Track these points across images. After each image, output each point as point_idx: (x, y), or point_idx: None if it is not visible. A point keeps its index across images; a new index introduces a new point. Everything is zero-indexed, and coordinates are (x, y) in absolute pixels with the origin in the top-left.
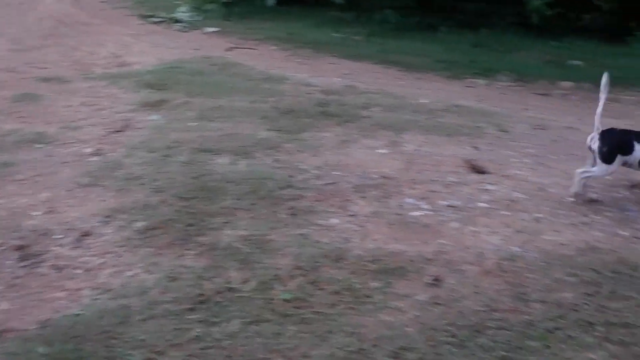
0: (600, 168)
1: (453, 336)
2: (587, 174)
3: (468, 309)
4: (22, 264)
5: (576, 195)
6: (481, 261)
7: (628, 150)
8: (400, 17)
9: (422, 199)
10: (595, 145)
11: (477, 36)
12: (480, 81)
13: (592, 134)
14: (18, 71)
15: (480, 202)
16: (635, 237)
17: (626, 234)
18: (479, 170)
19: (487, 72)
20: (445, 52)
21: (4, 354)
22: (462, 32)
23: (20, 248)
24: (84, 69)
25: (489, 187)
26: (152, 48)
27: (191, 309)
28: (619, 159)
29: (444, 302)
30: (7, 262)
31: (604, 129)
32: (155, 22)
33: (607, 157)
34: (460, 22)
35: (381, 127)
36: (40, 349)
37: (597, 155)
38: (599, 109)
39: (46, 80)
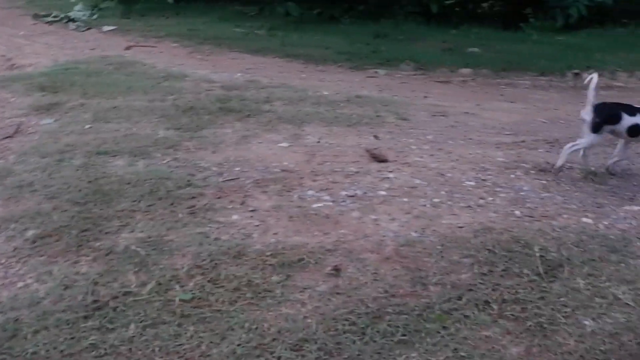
0: (587, 138)
1: (353, 324)
2: (574, 147)
3: (367, 296)
4: None
5: (560, 169)
6: (381, 248)
7: (616, 120)
8: (302, 9)
9: (323, 190)
10: (588, 116)
11: (379, 27)
12: (382, 71)
13: (586, 107)
14: None
15: (381, 190)
16: (528, 216)
17: (519, 213)
18: (380, 159)
19: (389, 62)
20: (347, 44)
21: None
22: (364, 23)
23: None
24: None
25: (389, 175)
26: (45, 49)
27: (86, 317)
28: (606, 128)
29: (343, 292)
30: None
31: (597, 102)
32: (49, 22)
33: (596, 127)
34: (362, 13)
35: (282, 121)
36: None
37: (587, 126)
38: (592, 85)
39: None
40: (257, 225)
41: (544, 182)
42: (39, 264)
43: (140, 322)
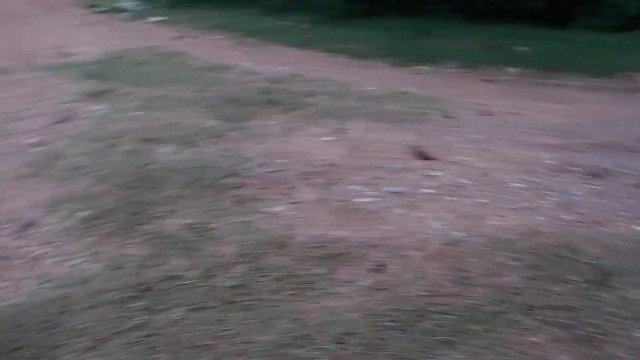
0: None
1: (396, 321)
2: None
3: (411, 294)
4: None
5: None
6: (425, 246)
7: None
8: (347, 4)
9: (367, 185)
10: None
11: (423, 23)
12: (426, 68)
13: None
14: None
15: (425, 188)
16: (578, 221)
17: (568, 217)
18: (424, 157)
19: (433, 59)
20: (391, 40)
21: None
22: (408, 19)
23: None
24: (27, 59)
25: (434, 173)
26: (96, 38)
27: (134, 297)
28: None
29: (387, 288)
30: None
31: None
32: (100, 12)
33: None
34: (407, 9)
35: (326, 115)
36: None
37: None
38: None
39: None
40: (301, 217)
41: (594, 186)
42: (90, 244)
43: (186, 305)
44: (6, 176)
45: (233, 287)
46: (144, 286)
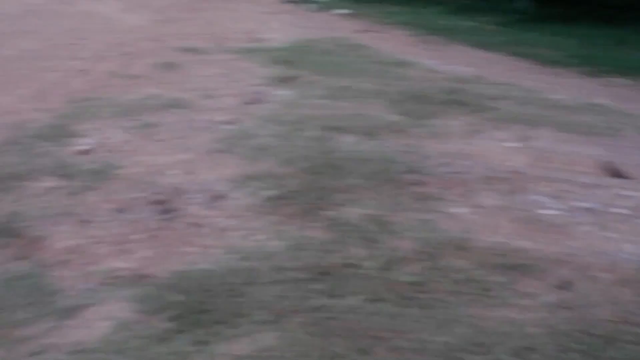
0: None
1: (582, 344)
2: None
3: (600, 318)
4: (161, 217)
5: None
6: (615, 269)
7: None
8: (538, 7)
9: (552, 197)
10: None
11: (621, 32)
12: (621, 80)
13: None
14: (160, 41)
15: (617, 207)
16: None
17: None
18: (617, 174)
19: (629, 71)
20: (582, 48)
21: (141, 296)
22: (604, 27)
23: (159, 202)
24: (220, 42)
25: (628, 192)
26: (284, 26)
27: (314, 279)
28: None
29: (572, 307)
30: (148, 214)
31: None
32: (288, 2)
33: None
34: (603, 17)
35: (510, 120)
36: (173, 297)
37: None
38: None
39: (185, 50)
40: (481, 222)
41: None
42: (274, 222)
43: (363, 294)
44: (199, 149)
45: (411, 283)
46: (324, 270)
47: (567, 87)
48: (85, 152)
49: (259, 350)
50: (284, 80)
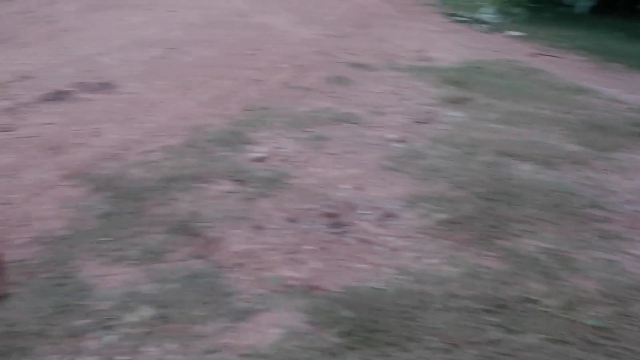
0: None
1: None
2: None
3: None
4: (332, 230)
5: None
6: None
7: None
8: None
9: None
10: None
11: None
12: None
13: None
14: (331, 55)
15: None
16: None
17: None
18: None
19: None
20: None
21: (312, 308)
22: None
23: (331, 216)
24: (389, 59)
25: None
26: (454, 46)
27: (489, 311)
28: None
29: None
30: (319, 226)
31: None
32: (458, 21)
33: None
34: None
35: None
36: (344, 312)
37: None
38: None
39: (355, 66)
40: None
41: None
42: (447, 247)
43: (543, 333)
44: (370, 166)
45: (596, 327)
46: (500, 302)
47: None
48: (260, 160)
49: None
50: (455, 101)
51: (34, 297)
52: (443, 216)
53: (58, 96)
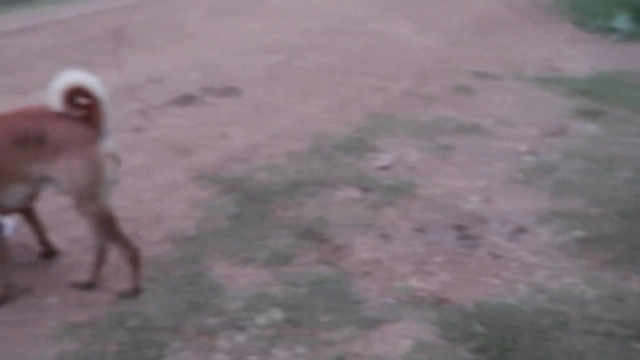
0: None
1: None
2: None
3: None
4: (461, 242)
5: None
6: None
7: None
8: None
9: None
10: None
11: None
12: None
13: None
14: (453, 63)
15: None
16: None
17: None
18: None
19: None
20: None
21: (443, 321)
22: None
23: (459, 227)
24: (514, 68)
25: None
26: (584, 55)
27: (636, 337)
28: None
29: None
30: (447, 237)
31: None
32: (588, 30)
33: None
34: None
35: None
36: (477, 328)
37: None
38: None
39: (479, 75)
40: None
41: None
42: (586, 267)
43: None
44: (497, 178)
45: None
46: None
47: None
48: (385, 168)
49: None
50: (588, 114)
51: (168, 294)
52: (580, 234)
53: (186, 99)
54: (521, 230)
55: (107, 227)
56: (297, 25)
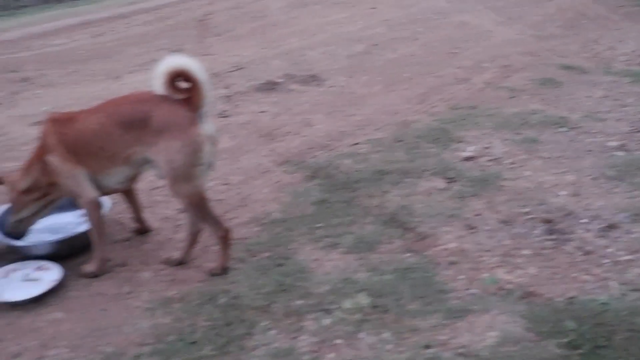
0: None
1: None
2: None
3: None
4: (549, 237)
5: None
6: None
7: None
8: None
9: None
10: None
11: None
12: None
13: None
14: (539, 56)
15: None
16: None
17: None
18: None
19: None
20: None
21: (531, 314)
22: None
23: (547, 222)
24: (603, 62)
25: None
26: None
27: None
28: None
29: None
30: (535, 231)
31: None
32: None
33: None
34: None
35: None
36: (568, 323)
37: None
38: None
39: (566, 68)
40: None
41: None
42: None
43: None
44: (586, 173)
45: None
46: None
47: None
48: (469, 159)
49: None
50: None
51: (256, 274)
52: None
53: (270, 86)
54: (613, 226)
55: (200, 207)
56: (378, 15)
